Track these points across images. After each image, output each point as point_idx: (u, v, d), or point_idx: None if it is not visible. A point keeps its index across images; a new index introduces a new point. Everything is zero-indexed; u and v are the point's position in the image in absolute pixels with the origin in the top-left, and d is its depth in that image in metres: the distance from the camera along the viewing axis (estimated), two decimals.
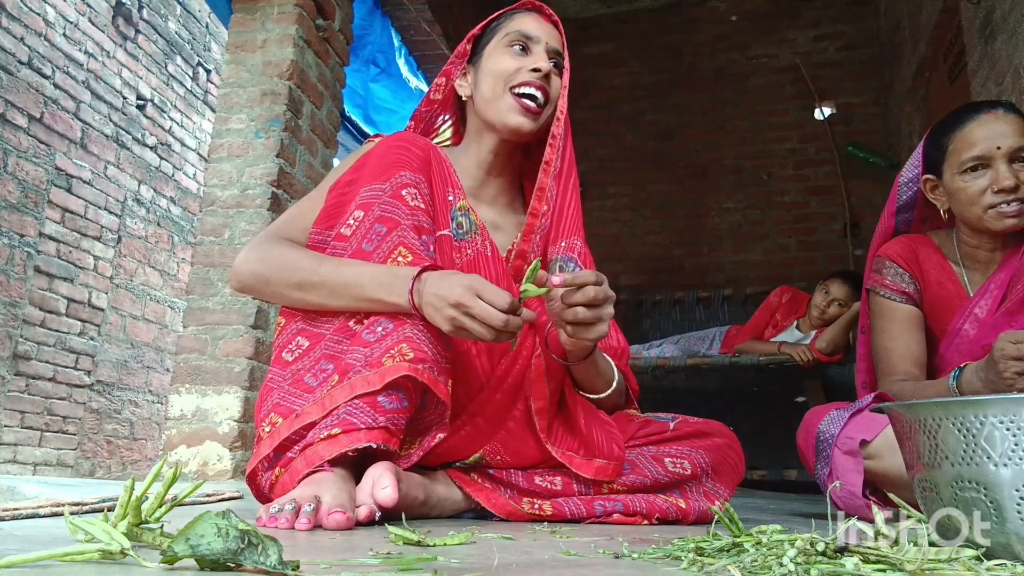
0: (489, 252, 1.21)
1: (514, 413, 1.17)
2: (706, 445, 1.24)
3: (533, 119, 1.23)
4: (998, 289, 1.42)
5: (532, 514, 1.11)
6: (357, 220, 1.09)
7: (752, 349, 3.33)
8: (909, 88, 3.87)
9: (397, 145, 1.15)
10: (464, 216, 1.20)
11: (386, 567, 0.58)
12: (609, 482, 1.16)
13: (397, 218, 1.08)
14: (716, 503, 1.19)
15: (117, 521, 0.60)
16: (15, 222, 3.60)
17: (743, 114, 4.89)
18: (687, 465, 1.20)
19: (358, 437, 0.94)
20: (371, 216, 1.08)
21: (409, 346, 0.99)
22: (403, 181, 1.10)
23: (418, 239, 1.08)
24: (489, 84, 1.24)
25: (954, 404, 0.67)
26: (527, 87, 1.22)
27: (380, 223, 1.07)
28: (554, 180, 1.23)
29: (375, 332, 1.01)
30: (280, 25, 2.73)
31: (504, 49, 1.25)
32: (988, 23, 2.54)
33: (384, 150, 1.15)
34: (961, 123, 1.42)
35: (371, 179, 1.11)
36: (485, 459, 1.16)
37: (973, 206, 1.39)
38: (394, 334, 1.00)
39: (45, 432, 3.85)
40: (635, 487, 1.17)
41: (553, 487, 1.14)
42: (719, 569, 0.58)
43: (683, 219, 4.85)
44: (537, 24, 1.27)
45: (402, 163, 1.13)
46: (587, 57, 5.25)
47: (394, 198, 1.09)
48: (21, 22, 3.64)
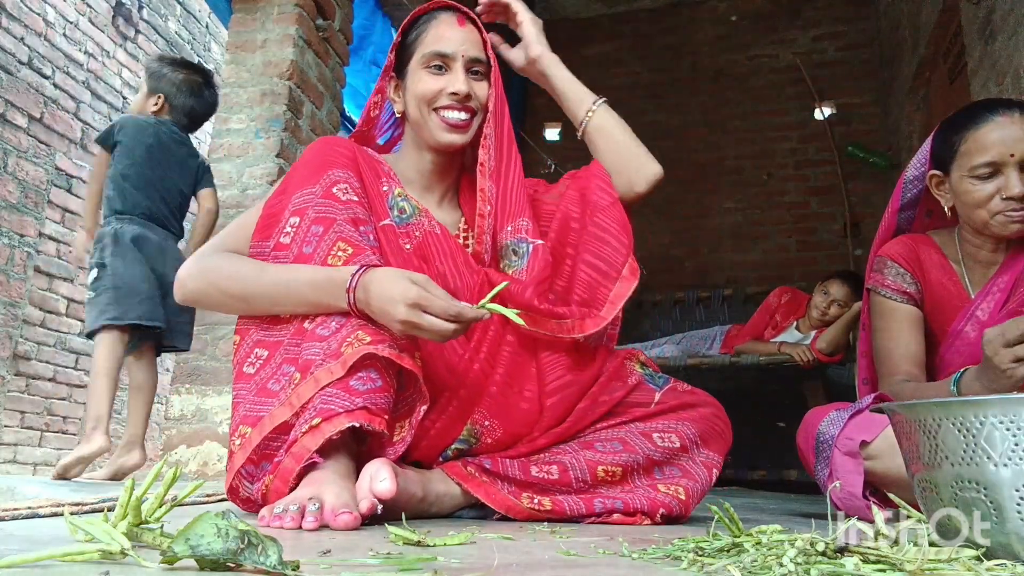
0: (438, 230, 1.23)
1: (494, 378, 1.18)
2: (692, 416, 1.25)
3: (462, 133, 1.25)
4: (1001, 292, 1.41)
5: (532, 509, 1.11)
6: (294, 226, 1.10)
7: (752, 349, 3.33)
8: (909, 88, 3.87)
9: (322, 148, 1.18)
10: (403, 201, 1.23)
11: (386, 567, 0.58)
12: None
13: (332, 216, 1.09)
14: (713, 471, 1.22)
15: (117, 521, 0.60)
16: (15, 222, 3.60)
17: (743, 114, 4.89)
18: (675, 439, 1.22)
19: (339, 421, 0.95)
20: (307, 219, 1.09)
21: (365, 332, 1.01)
22: (333, 179, 1.12)
23: (356, 231, 1.09)
24: (415, 106, 1.26)
25: (954, 404, 0.67)
26: (448, 111, 1.24)
27: (316, 224, 1.09)
28: (491, 179, 1.25)
29: (329, 327, 1.03)
30: (280, 25, 2.73)
31: (423, 71, 1.25)
32: (988, 23, 2.54)
33: (310, 155, 1.17)
34: (975, 123, 1.38)
35: (301, 184, 1.13)
36: (476, 432, 1.17)
37: (980, 209, 1.38)
38: (349, 324, 1.02)
39: (45, 432, 3.85)
40: (629, 466, 1.18)
41: (550, 476, 1.15)
42: (719, 569, 0.58)
43: (683, 219, 4.85)
44: (451, 32, 1.25)
45: (329, 163, 1.15)
46: (587, 57, 5.25)
47: (327, 197, 1.11)
48: (21, 22, 3.64)
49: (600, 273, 1.27)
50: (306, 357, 1.01)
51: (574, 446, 1.20)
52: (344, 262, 1.05)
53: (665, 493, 1.17)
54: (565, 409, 1.21)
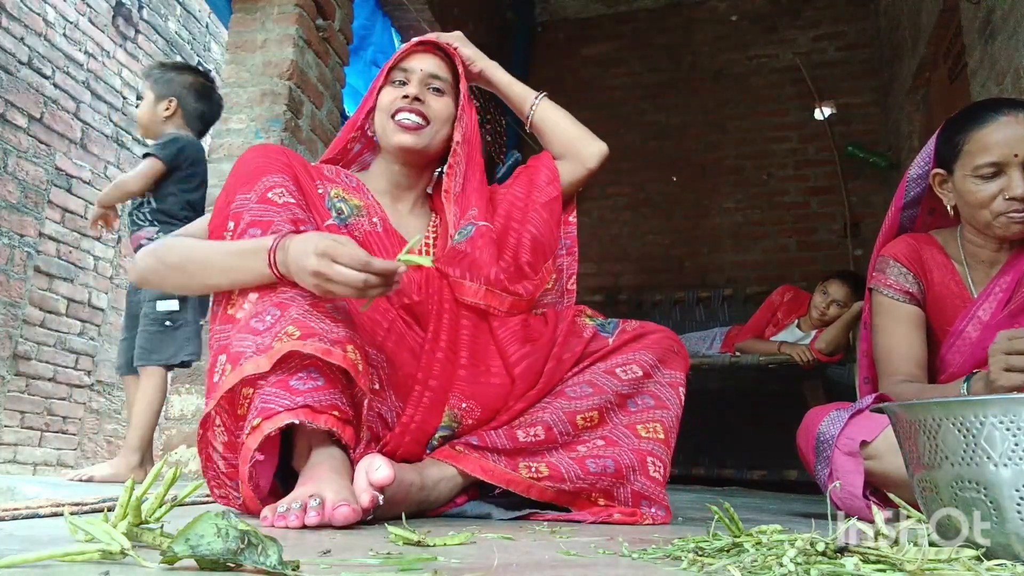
0: (380, 228, 1.28)
1: (460, 362, 1.24)
2: (646, 344, 1.30)
3: (414, 135, 1.34)
4: (1003, 292, 1.41)
5: (531, 479, 1.14)
6: (231, 230, 1.12)
7: (752, 348, 3.33)
8: (909, 88, 3.87)
9: (254, 155, 1.19)
10: (341, 202, 1.27)
11: (386, 567, 0.58)
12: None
13: (269, 219, 1.11)
14: (680, 389, 1.29)
15: (117, 521, 0.60)
16: (15, 222, 3.60)
17: (743, 114, 4.89)
18: (636, 368, 1.27)
19: (279, 418, 0.97)
20: (243, 223, 1.11)
21: (295, 326, 1.02)
22: (268, 184, 1.14)
23: (296, 231, 1.10)
24: (378, 118, 1.39)
25: (954, 404, 0.67)
26: (400, 113, 1.34)
27: (254, 227, 1.10)
28: (456, 204, 1.36)
29: (264, 321, 1.03)
30: (280, 25, 2.73)
31: (388, 87, 1.39)
32: (988, 23, 2.54)
33: (242, 163, 1.18)
34: (979, 123, 1.37)
35: (237, 189, 1.14)
36: (456, 416, 1.21)
37: (982, 210, 1.38)
38: (282, 320, 1.03)
39: (45, 432, 3.84)
40: (603, 407, 1.23)
41: (538, 438, 1.19)
42: (719, 569, 0.58)
43: (683, 219, 4.85)
44: (416, 57, 1.40)
45: (262, 170, 1.16)
46: (587, 57, 5.25)
47: (262, 202, 1.12)
48: (21, 22, 3.64)
49: (543, 243, 1.40)
50: (237, 349, 1.02)
51: (548, 400, 1.25)
52: None
53: (647, 438, 1.23)
54: (535, 373, 1.26)
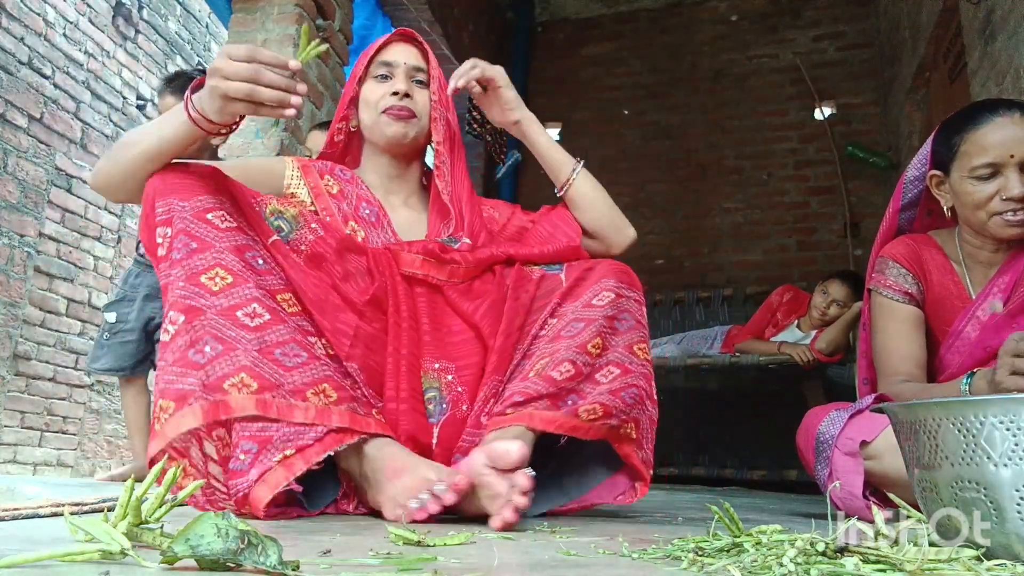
0: (321, 232, 1.23)
1: (424, 328, 1.23)
2: (601, 272, 1.28)
3: (405, 124, 1.36)
4: (1001, 292, 1.41)
5: (590, 421, 1.14)
6: (165, 237, 1.07)
7: (752, 348, 3.33)
8: (909, 88, 3.87)
9: (178, 176, 1.12)
10: (279, 219, 1.20)
11: (386, 567, 0.58)
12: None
13: (209, 241, 1.05)
14: (643, 309, 1.28)
15: (117, 521, 0.60)
16: (15, 222, 3.60)
17: (743, 114, 4.89)
18: (607, 293, 1.25)
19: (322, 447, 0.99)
20: (175, 229, 1.06)
21: (331, 385, 1.03)
22: (206, 204, 1.08)
23: (239, 259, 1.06)
24: (366, 113, 1.39)
25: (954, 404, 0.67)
26: (392, 108, 1.36)
27: (189, 238, 1.05)
28: (452, 204, 1.37)
29: (203, 352, 0.99)
30: (280, 25, 2.73)
31: (371, 81, 1.40)
32: (988, 23, 2.54)
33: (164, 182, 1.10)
34: (975, 123, 1.38)
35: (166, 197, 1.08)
36: (433, 378, 1.20)
37: (979, 210, 1.38)
38: (226, 359, 0.99)
39: (45, 432, 3.84)
40: (600, 333, 1.21)
41: (570, 373, 1.16)
42: (719, 569, 0.58)
43: (683, 219, 4.85)
44: (397, 49, 1.41)
45: (195, 189, 1.09)
46: (587, 57, 5.25)
47: (201, 220, 1.06)
48: (21, 22, 3.64)
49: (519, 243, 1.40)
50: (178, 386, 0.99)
51: (547, 345, 1.22)
52: (221, 289, 1.03)
53: (644, 360, 1.23)
54: (495, 315, 1.25)
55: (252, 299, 1.03)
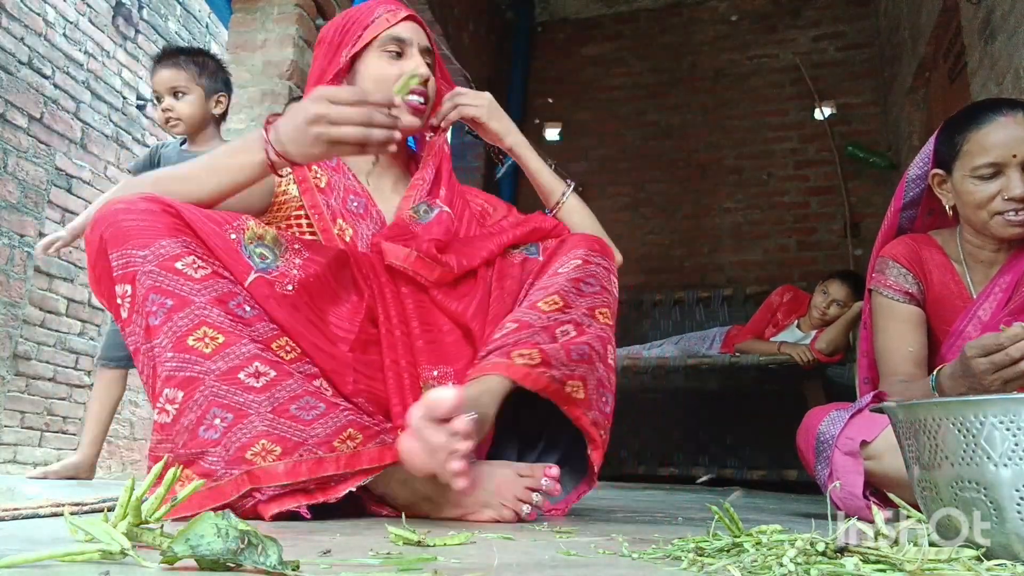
0: (307, 253, 1.13)
1: (415, 332, 1.20)
2: (572, 243, 1.27)
3: (420, 117, 1.31)
4: (1003, 292, 1.41)
5: (527, 365, 1.09)
6: (126, 296, 0.96)
7: (752, 348, 3.33)
8: (909, 88, 3.87)
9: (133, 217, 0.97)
10: (259, 247, 1.06)
11: (386, 567, 0.58)
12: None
13: (184, 294, 0.95)
14: (613, 278, 1.28)
15: (117, 521, 0.60)
16: (15, 222, 3.60)
17: (743, 114, 4.89)
18: (574, 260, 1.24)
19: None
20: (142, 287, 0.95)
21: (270, 440, 0.94)
22: (170, 251, 0.96)
23: (224, 313, 0.97)
24: (377, 90, 1.26)
25: (954, 404, 0.67)
26: (413, 94, 1.27)
27: (160, 295, 0.94)
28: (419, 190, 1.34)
29: (215, 427, 0.94)
30: (280, 25, 2.74)
31: (380, 55, 1.29)
32: (988, 23, 2.54)
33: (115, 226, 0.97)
34: (978, 123, 1.38)
35: (121, 246, 0.96)
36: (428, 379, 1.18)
37: (980, 210, 1.38)
38: (242, 428, 0.94)
39: (45, 432, 3.84)
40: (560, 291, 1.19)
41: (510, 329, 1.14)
42: (719, 569, 0.58)
43: (683, 219, 4.85)
44: (408, 28, 1.31)
45: (155, 232, 0.96)
46: (587, 57, 5.25)
47: (169, 271, 0.95)
48: (21, 22, 3.64)
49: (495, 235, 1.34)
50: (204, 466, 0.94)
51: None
52: (215, 351, 0.94)
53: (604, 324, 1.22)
54: (483, 309, 1.24)
55: (252, 357, 0.96)
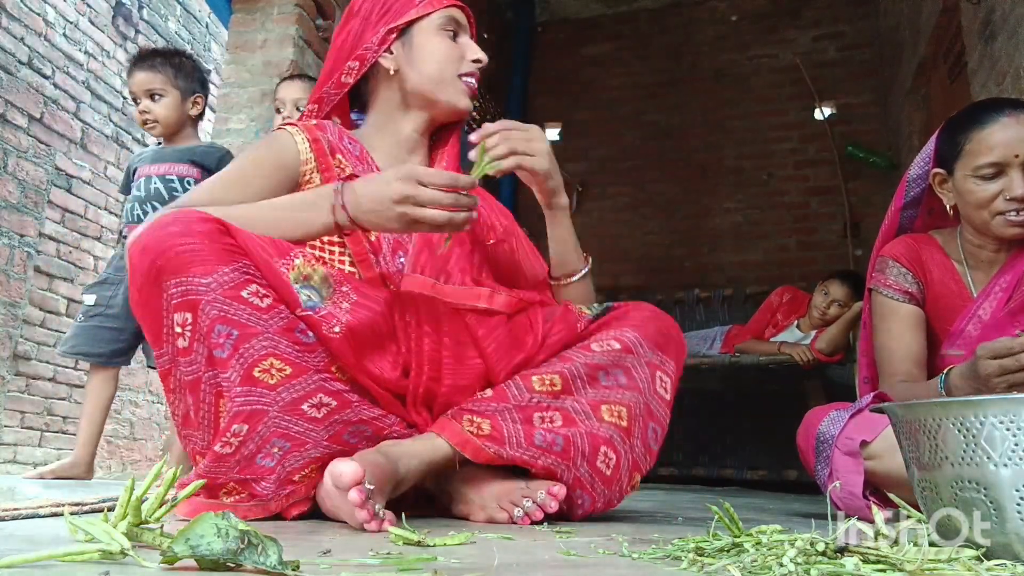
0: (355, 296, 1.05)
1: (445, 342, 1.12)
2: (631, 322, 1.17)
3: (473, 100, 1.30)
4: (1003, 292, 1.41)
5: (470, 432, 1.03)
6: (185, 324, 0.94)
7: (752, 349, 3.33)
8: (909, 88, 3.87)
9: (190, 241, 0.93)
10: (306, 288, 1.00)
11: (386, 567, 0.58)
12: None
13: (253, 325, 0.94)
14: (658, 374, 1.15)
15: (117, 521, 0.60)
16: (15, 222, 3.60)
17: (743, 114, 4.89)
18: (614, 343, 1.14)
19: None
20: (206, 317, 0.93)
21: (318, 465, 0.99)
22: (234, 279, 0.94)
23: (291, 344, 0.96)
24: (435, 66, 1.25)
25: (954, 404, 0.67)
26: (470, 77, 1.28)
27: (226, 325, 0.93)
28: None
29: (272, 456, 0.97)
30: (280, 25, 2.73)
31: (439, 32, 1.26)
32: (988, 23, 2.54)
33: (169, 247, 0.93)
34: (980, 123, 1.38)
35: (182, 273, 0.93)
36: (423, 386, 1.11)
37: (981, 210, 1.38)
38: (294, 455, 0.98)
39: (45, 432, 3.84)
40: (568, 374, 1.11)
41: (485, 396, 1.09)
42: (719, 569, 0.58)
43: (683, 219, 4.85)
44: (461, 13, 1.31)
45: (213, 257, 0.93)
46: (587, 57, 5.24)
47: (233, 299, 0.93)
48: (21, 22, 3.64)
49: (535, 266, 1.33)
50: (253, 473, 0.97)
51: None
52: (279, 382, 0.94)
53: (608, 423, 1.09)
54: (505, 349, 1.14)
55: (317, 389, 0.98)
